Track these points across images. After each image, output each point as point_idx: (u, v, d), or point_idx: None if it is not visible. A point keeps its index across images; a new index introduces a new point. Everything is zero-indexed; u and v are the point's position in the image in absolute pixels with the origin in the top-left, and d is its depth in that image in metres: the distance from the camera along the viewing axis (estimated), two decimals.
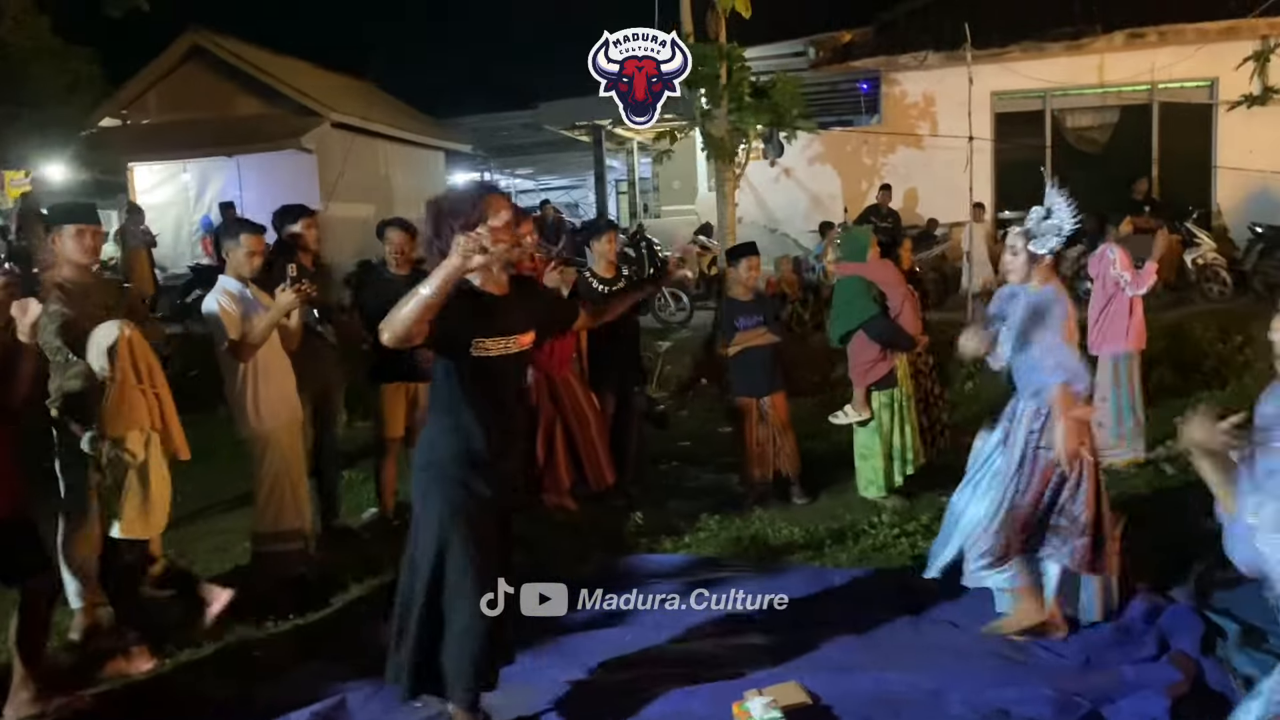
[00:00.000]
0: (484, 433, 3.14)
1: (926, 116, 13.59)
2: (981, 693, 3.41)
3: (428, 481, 3.18)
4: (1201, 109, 12.72)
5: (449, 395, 3.15)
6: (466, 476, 3.13)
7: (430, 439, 3.22)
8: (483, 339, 3.07)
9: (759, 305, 5.97)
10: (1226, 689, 3.39)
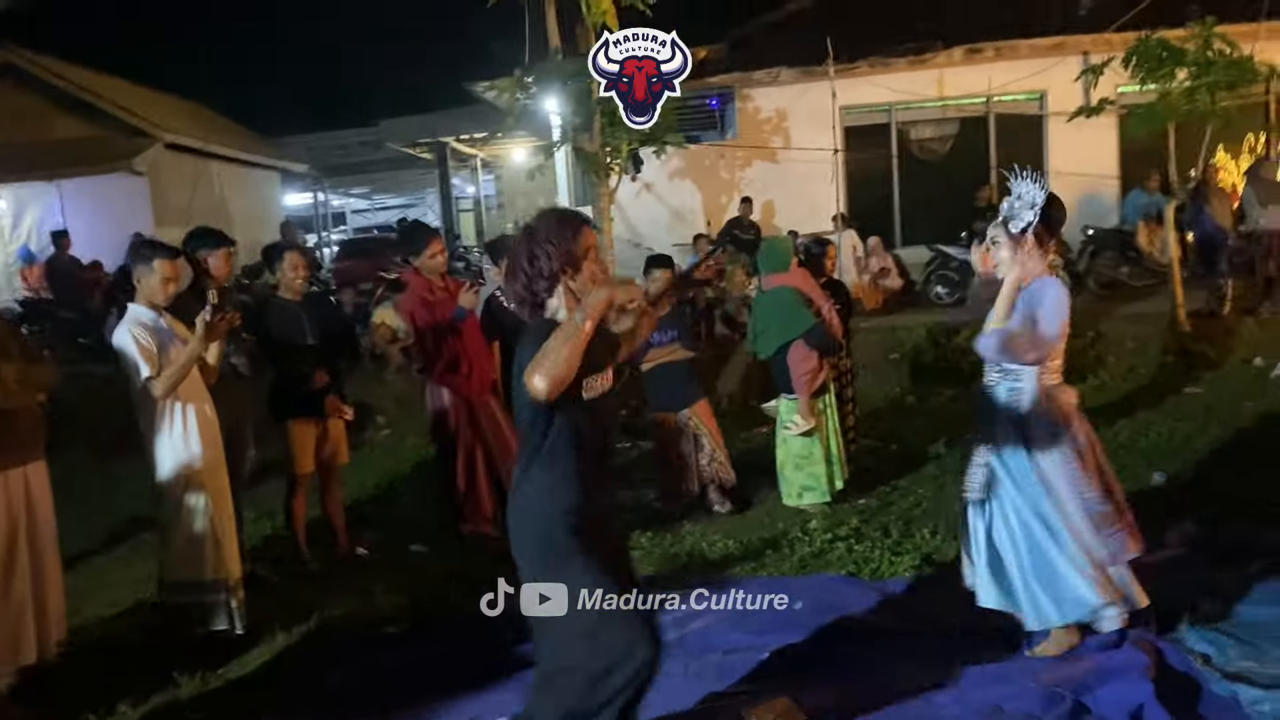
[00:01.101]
0: (596, 478, 2.88)
1: (779, 131, 13.96)
2: (970, 692, 3.46)
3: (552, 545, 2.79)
4: (1033, 120, 13.54)
5: (559, 445, 2.79)
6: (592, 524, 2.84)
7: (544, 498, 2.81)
8: (589, 377, 2.81)
9: (672, 319, 5.89)
10: (1189, 668, 3.55)
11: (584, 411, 2.80)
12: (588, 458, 2.82)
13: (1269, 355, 8.41)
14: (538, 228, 2.86)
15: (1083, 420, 3.78)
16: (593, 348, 2.77)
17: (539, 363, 2.55)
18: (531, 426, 2.81)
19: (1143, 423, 7.13)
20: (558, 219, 2.88)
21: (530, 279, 2.82)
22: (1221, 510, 5.11)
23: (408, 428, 8.70)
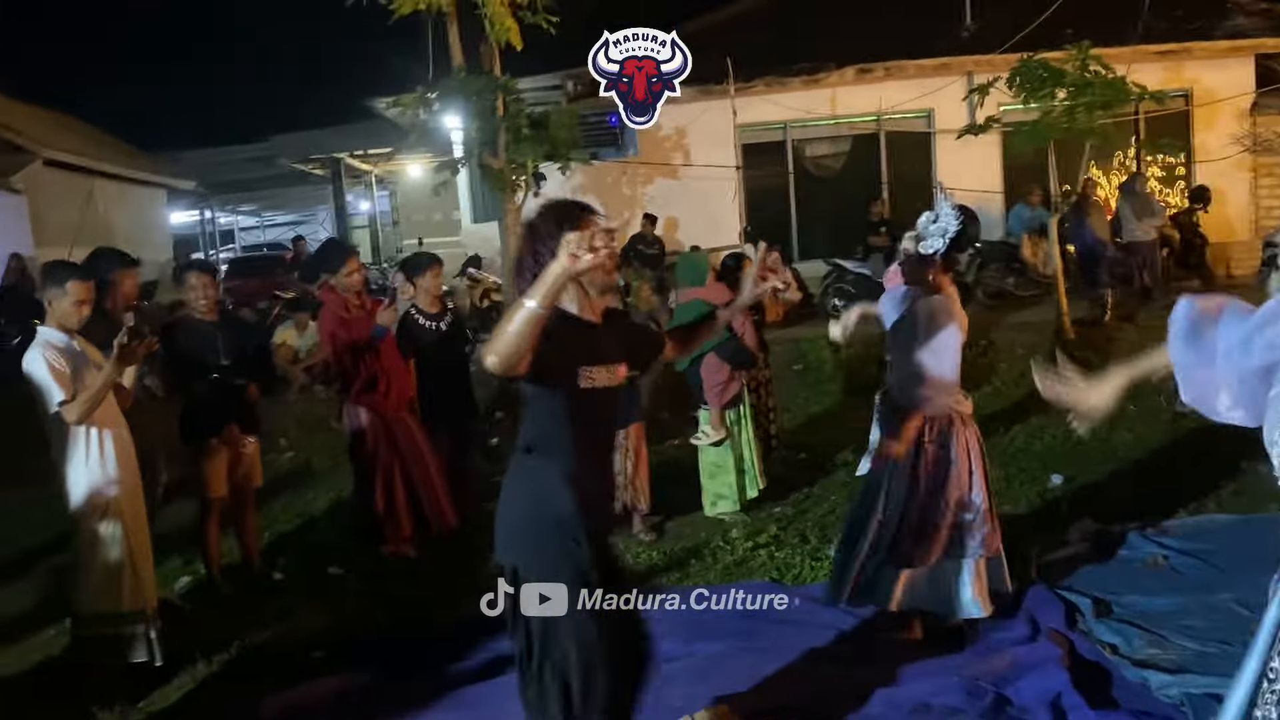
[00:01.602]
0: (594, 479, 2.81)
1: (680, 148, 14.15)
2: (897, 689, 3.59)
3: (541, 546, 2.72)
4: (922, 137, 14.03)
5: (554, 437, 2.73)
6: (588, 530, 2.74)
7: (534, 491, 2.75)
8: (589, 367, 2.71)
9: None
10: (1099, 658, 3.75)
11: (581, 402, 2.71)
12: (584, 449, 2.74)
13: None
14: (539, 223, 2.77)
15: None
16: (601, 339, 2.75)
17: (491, 339, 2.45)
18: (529, 419, 2.78)
19: (1036, 427, 7.44)
20: (559, 214, 2.76)
21: (534, 275, 2.62)
22: (1115, 508, 5.40)
23: (312, 450, 8.54)
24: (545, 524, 2.71)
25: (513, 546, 2.78)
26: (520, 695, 2.80)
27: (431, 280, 5.80)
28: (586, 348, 2.70)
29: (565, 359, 2.63)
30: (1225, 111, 13.74)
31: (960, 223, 3.83)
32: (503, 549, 2.80)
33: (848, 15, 13.99)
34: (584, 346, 2.69)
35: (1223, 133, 13.71)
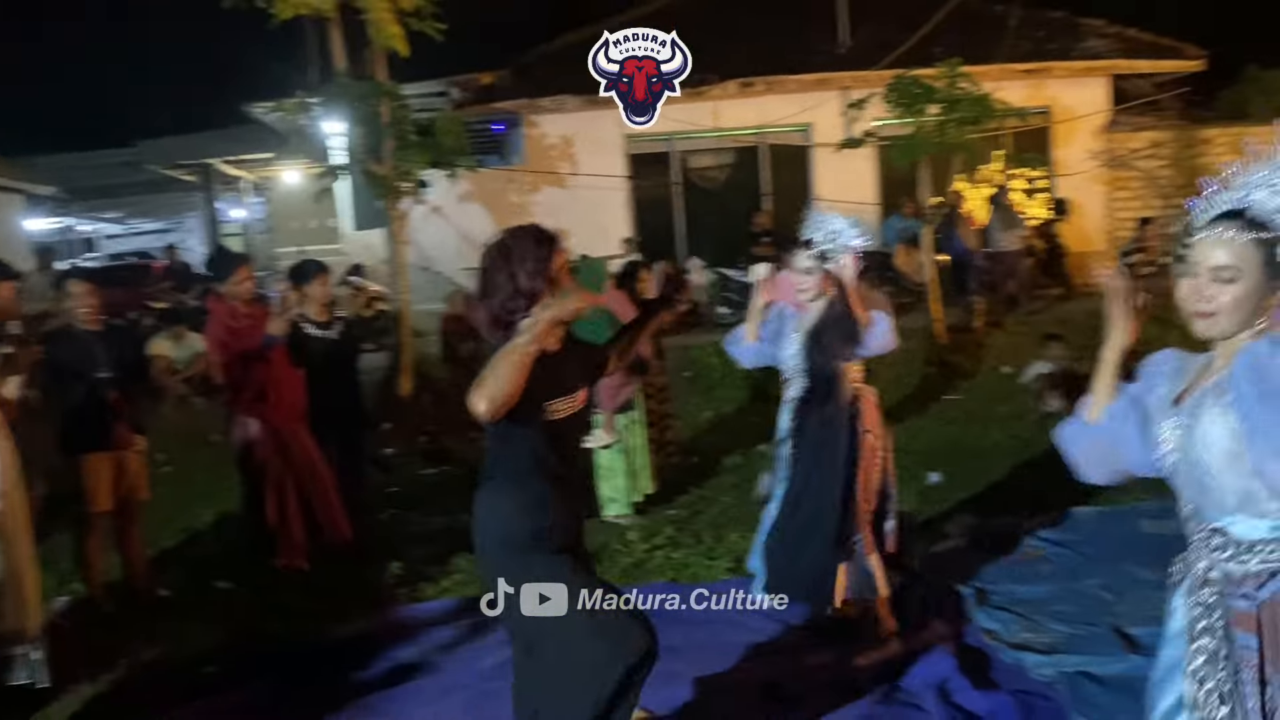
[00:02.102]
0: (564, 502, 2.87)
1: (566, 157, 14.23)
2: (800, 678, 3.72)
3: (518, 565, 2.79)
4: (801, 150, 14.43)
5: (523, 468, 2.80)
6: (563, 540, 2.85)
7: (505, 517, 2.82)
8: (552, 400, 2.80)
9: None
10: (980, 643, 3.97)
11: (549, 433, 2.79)
12: (552, 479, 2.81)
13: (1015, 363, 9.34)
14: (514, 246, 2.81)
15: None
16: (561, 370, 2.80)
17: (481, 382, 2.52)
18: (496, 447, 2.82)
19: (914, 428, 7.77)
20: (535, 237, 2.83)
21: (509, 298, 2.76)
22: (990, 502, 5.69)
23: (192, 463, 8.29)
24: (521, 548, 2.78)
25: (494, 570, 2.84)
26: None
27: (319, 288, 5.73)
28: (550, 382, 2.76)
29: (533, 395, 2.67)
30: (1082, 128, 14.55)
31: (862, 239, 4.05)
32: (485, 572, 2.89)
33: (730, 30, 14.30)
34: (548, 381, 2.74)
35: (1080, 148, 14.51)
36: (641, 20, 15.15)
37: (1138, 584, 4.27)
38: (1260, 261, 1.91)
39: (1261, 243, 1.91)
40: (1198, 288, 1.95)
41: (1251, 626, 1.94)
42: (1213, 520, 2.00)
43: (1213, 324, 1.95)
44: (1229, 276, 1.91)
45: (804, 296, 4.12)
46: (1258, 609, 1.94)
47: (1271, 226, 1.92)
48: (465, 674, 4.03)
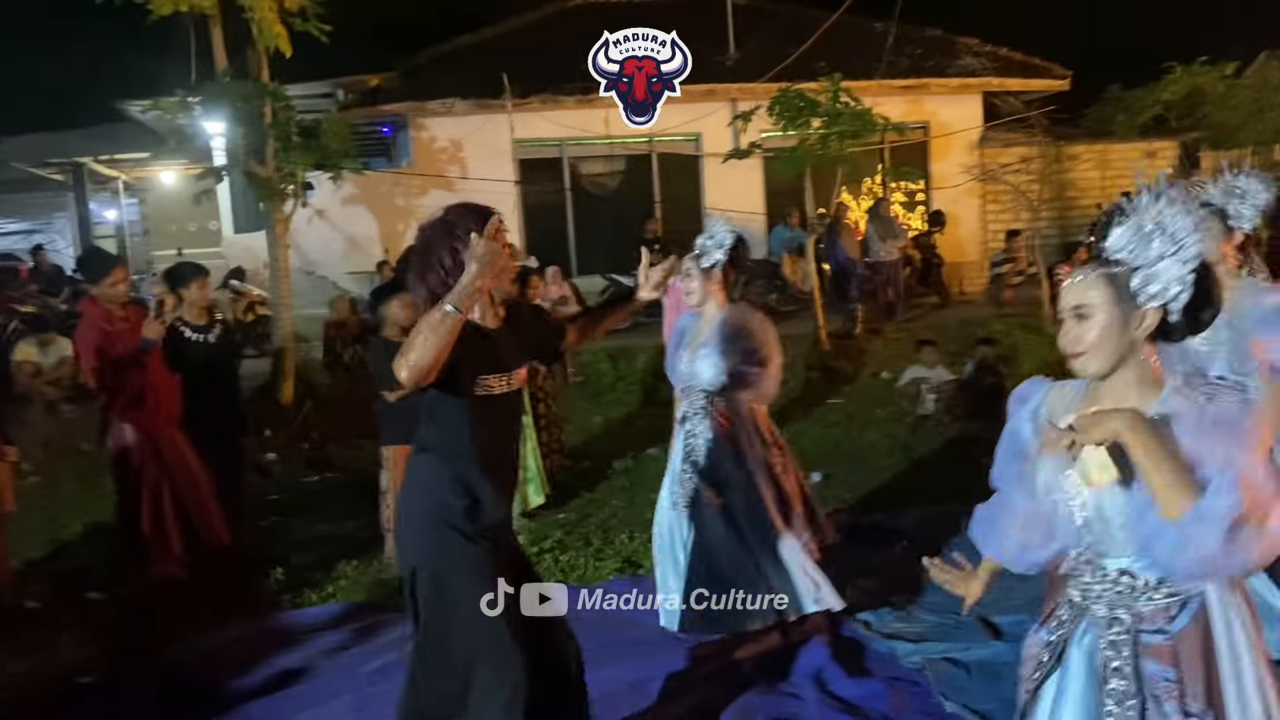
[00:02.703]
0: (491, 482, 2.80)
1: (455, 161, 14.14)
2: (675, 676, 3.82)
3: (439, 542, 2.74)
4: (691, 160, 14.65)
5: (450, 442, 2.77)
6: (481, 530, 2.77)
7: (431, 491, 2.78)
8: (487, 376, 2.76)
9: None
10: (855, 633, 4.13)
11: (479, 409, 2.76)
12: (481, 452, 2.77)
13: (893, 368, 9.68)
14: (456, 222, 2.75)
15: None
16: (499, 345, 2.79)
17: (406, 349, 2.46)
18: (427, 421, 2.79)
19: (797, 430, 7.98)
20: (475, 213, 2.78)
21: (449, 273, 2.69)
22: (868, 500, 5.91)
23: (59, 471, 7.99)
24: (442, 523, 2.74)
25: (412, 547, 2.81)
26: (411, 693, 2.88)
27: (197, 291, 5.62)
28: (486, 357, 2.75)
29: (466, 369, 2.66)
30: (958, 143, 15.15)
31: (735, 236, 4.16)
32: (403, 551, 2.84)
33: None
34: (484, 356, 2.73)
35: (955, 162, 15.10)
36: (533, 28, 15.23)
37: (1003, 576, 4.48)
38: (1112, 296, 1.98)
39: (1111, 277, 1.99)
40: (1066, 330, 2.03)
41: (1168, 659, 1.97)
42: (1117, 564, 2.02)
43: (1086, 362, 2.01)
44: (1085, 314, 1.99)
45: (691, 300, 4.23)
46: (1173, 641, 1.97)
47: (1121, 261, 2.00)
48: (348, 679, 4.01)
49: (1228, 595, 1.98)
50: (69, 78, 20.08)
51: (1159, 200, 1.98)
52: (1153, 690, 1.98)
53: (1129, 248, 1.98)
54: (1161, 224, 1.96)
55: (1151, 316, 1.97)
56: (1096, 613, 2.05)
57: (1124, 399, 1.98)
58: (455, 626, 2.74)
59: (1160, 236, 1.95)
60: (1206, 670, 1.95)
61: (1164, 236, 1.95)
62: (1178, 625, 1.98)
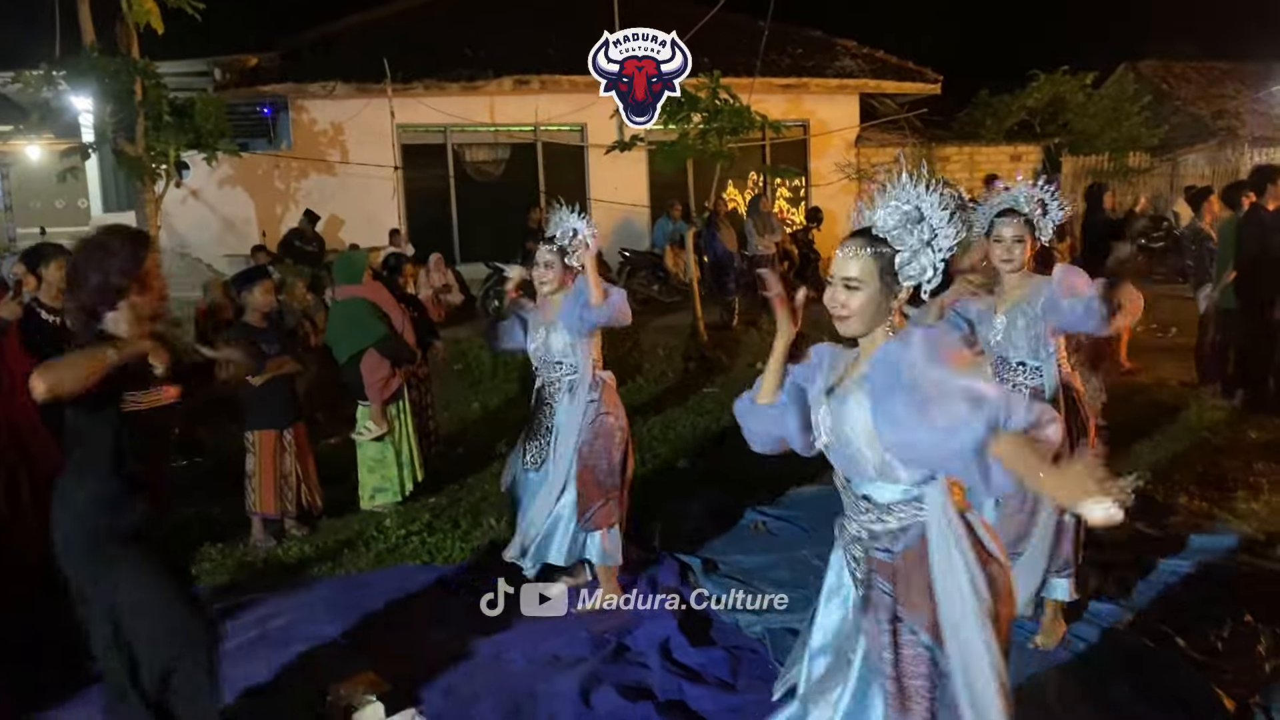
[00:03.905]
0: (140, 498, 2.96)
1: (336, 144, 13.98)
2: (536, 646, 3.98)
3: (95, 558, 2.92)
4: (576, 149, 14.78)
5: (96, 457, 2.90)
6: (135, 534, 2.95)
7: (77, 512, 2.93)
8: (134, 392, 2.91)
9: (275, 331, 5.80)
10: (706, 609, 4.35)
11: (127, 424, 2.91)
12: (133, 469, 2.93)
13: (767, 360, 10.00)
14: (110, 244, 2.93)
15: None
16: (145, 364, 2.94)
17: (53, 367, 2.63)
18: (72, 435, 2.92)
19: (671, 419, 8.20)
20: (129, 240, 2.99)
21: (98, 293, 2.88)
22: (727, 485, 6.15)
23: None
24: (88, 535, 2.92)
25: (64, 557, 2.95)
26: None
27: (56, 272, 5.49)
28: (134, 374, 2.91)
29: (113, 386, 2.81)
30: (836, 142, 15.66)
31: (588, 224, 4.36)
32: (61, 560, 2.96)
33: (505, 26, 14.47)
34: (130, 372, 2.88)
35: (833, 160, 15.59)
36: (419, 10, 15.10)
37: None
38: (879, 271, 2.26)
39: (880, 255, 2.26)
40: (834, 294, 2.31)
41: (889, 575, 2.30)
42: (859, 488, 2.37)
43: (847, 325, 2.32)
44: (855, 285, 2.27)
45: (545, 289, 4.40)
46: (893, 560, 2.30)
47: (890, 242, 2.26)
48: None
49: (948, 523, 2.26)
50: None
51: (921, 189, 2.23)
52: (874, 599, 2.32)
53: (894, 230, 2.25)
54: (923, 212, 2.21)
55: (905, 293, 2.27)
56: (849, 530, 2.41)
57: (867, 348, 2.33)
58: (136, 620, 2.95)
59: (922, 224, 2.21)
60: (924, 590, 2.25)
61: (924, 225, 2.20)
62: (900, 546, 2.29)
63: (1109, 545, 4.65)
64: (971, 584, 2.21)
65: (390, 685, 3.67)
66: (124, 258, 2.90)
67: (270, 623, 4.36)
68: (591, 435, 4.37)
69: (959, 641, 2.20)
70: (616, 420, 4.44)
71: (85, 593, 2.96)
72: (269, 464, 5.52)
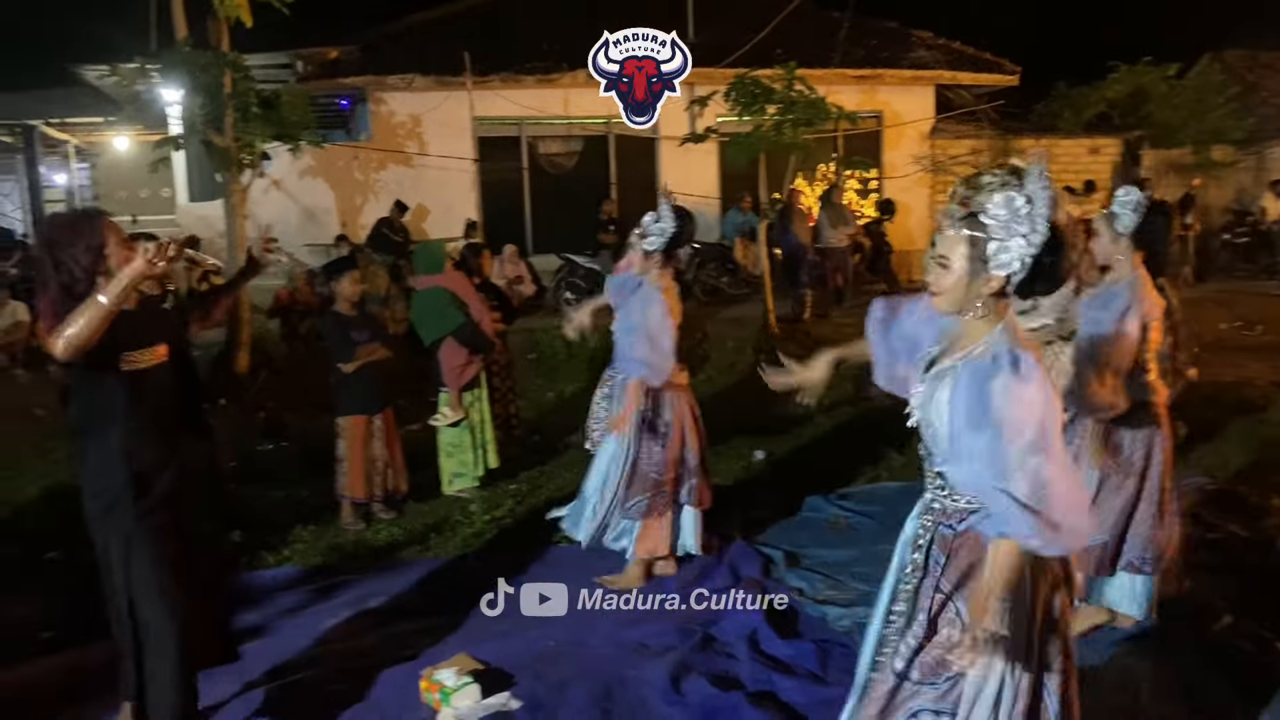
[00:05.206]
0: (152, 454, 3.10)
1: (414, 136, 14.19)
2: (620, 634, 4.05)
3: (108, 520, 3.09)
4: (648, 142, 14.81)
5: (103, 417, 3.07)
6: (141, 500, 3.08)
7: (90, 471, 3.11)
8: (130, 352, 3.07)
9: (366, 320, 5.96)
10: (791, 601, 4.38)
11: (131, 384, 3.07)
12: (138, 428, 3.07)
13: None
14: (55, 238, 3.07)
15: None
16: (139, 324, 3.10)
17: (62, 327, 2.78)
18: (80, 400, 3.08)
19: (743, 409, 8.22)
20: (70, 223, 3.14)
21: (67, 286, 3.00)
22: (805, 477, 6.16)
23: (13, 435, 8.02)
24: (100, 500, 3.07)
25: (92, 522, 3.11)
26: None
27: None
28: (129, 333, 3.05)
29: (110, 345, 2.95)
30: (910, 134, 15.48)
31: (678, 225, 4.38)
32: (90, 527, 3.12)
33: (581, 19, 14.53)
34: (127, 332, 3.02)
35: (907, 152, 15.43)
36: (494, 5, 15.25)
37: None
38: (970, 255, 2.27)
39: (973, 239, 2.26)
40: (929, 270, 2.36)
41: (945, 548, 2.39)
42: (937, 465, 2.42)
43: (939, 303, 2.37)
44: (944, 264, 2.30)
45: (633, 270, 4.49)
46: (954, 538, 2.38)
47: (987, 226, 2.25)
48: (305, 637, 4.18)
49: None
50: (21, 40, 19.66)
51: (1044, 182, 2.23)
52: (931, 570, 2.40)
53: (1000, 217, 2.24)
54: (1033, 208, 2.20)
55: (995, 281, 2.27)
56: (926, 499, 2.49)
57: (969, 331, 2.34)
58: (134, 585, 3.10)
59: (1026, 219, 2.21)
60: (969, 568, 2.33)
61: (1027, 220, 2.21)
62: (963, 526, 2.37)
63: (1202, 546, 4.59)
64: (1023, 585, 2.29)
65: (483, 667, 3.77)
66: (75, 245, 3.02)
67: (365, 603, 4.49)
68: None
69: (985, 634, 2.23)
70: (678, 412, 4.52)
71: (104, 561, 3.13)
72: (358, 449, 5.66)
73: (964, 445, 2.24)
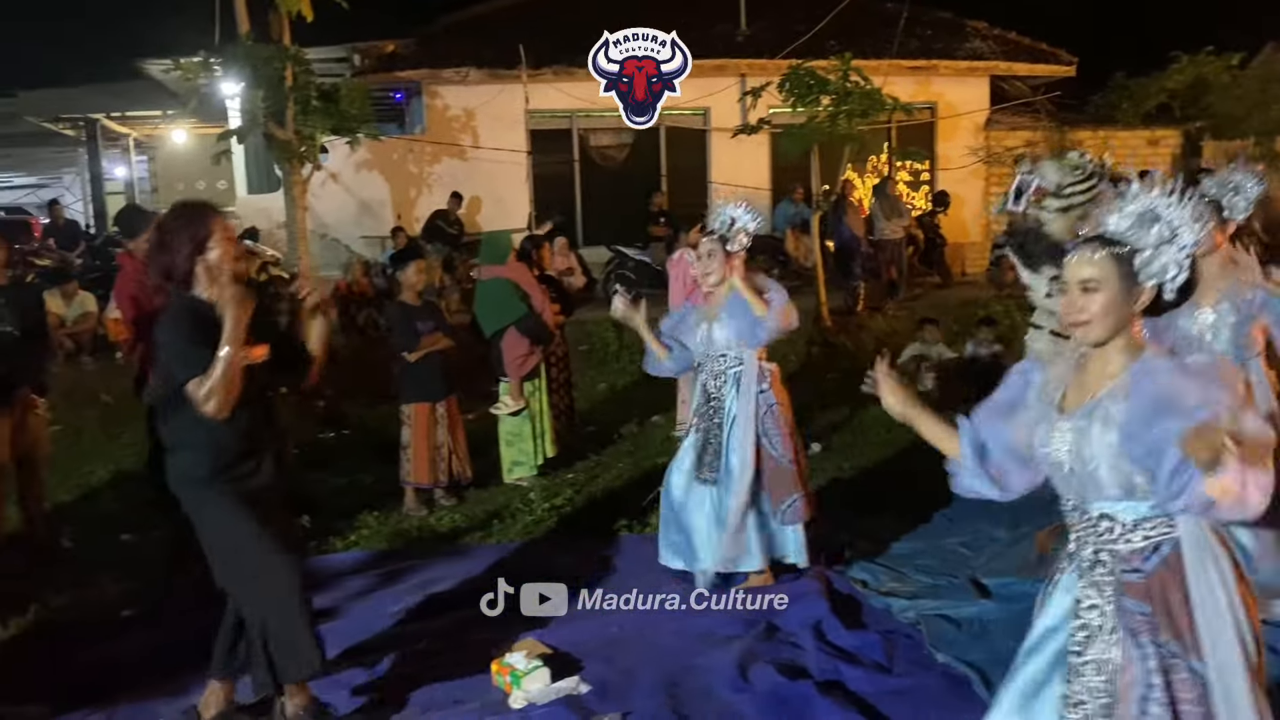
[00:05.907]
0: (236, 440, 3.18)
1: (468, 129, 14.29)
2: (685, 623, 4.08)
3: (194, 500, 3.22)
4: (699, 134, 14.80)
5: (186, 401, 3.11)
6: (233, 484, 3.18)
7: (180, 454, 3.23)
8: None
9: (430, 310, 6.06)
10: (852, 591, 4.40)
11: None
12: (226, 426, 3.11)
13: (893, 345, 9.89)
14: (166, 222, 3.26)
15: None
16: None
17: (211, 388, 2.98)
18: (163, 377, 3.24)
19: (797, 404, 8.19)
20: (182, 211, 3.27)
21: (167, 270, 3.17)
22: (862, 470, 6.16)
23: (82, 420, 8.22)
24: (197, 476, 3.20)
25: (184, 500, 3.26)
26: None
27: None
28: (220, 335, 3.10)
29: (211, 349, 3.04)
30: (964, 125, 15.31)
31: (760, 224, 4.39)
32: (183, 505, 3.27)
33: (633, 12, 14.55)
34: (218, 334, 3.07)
35: (961, 144, 15.25)
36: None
37: (992, 542, 4.79)
38: (1118, 273, 2.19)
39: (1118, 256, 2.20)
40: (1071, 301, 2.24)
41: (1144, 595, 2.19)
42: (1096, 508, 2.25)
43: (1088, 331, 2.22)
44: (1093, 287, 2.20)
45: (710, 281, 4.41)
46: (1146, 579, 2.19)
47: (1125, 242, 2.20)
48: (375, 619, 4.27)
49: (1203, 537, 2.18)
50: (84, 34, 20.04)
51: (1156, 189, 2.20)
52: (1130, 624, 2.19)
53: (1130, 231, 2.20)
54: (1158, 211, 2.17)
55: (1148, 294, 2.19)
56: (1084, 555, 2.29)
57: (1109, 363, 2.22)
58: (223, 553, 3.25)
59: (1159, 223, 2.17)
60: (1181, 606, 2.16)
61: (1162, 223, 2.17)
62: (1150, 564, 2.19)
63: None
64: (1229, 600, 2.14)
65: (551, 651, 3.82)
66: (183, 232, 3.15)
67: (433, 587, 4.57)
68: (766, 427, 4.37)
69: (1217, 660, 2.12)
70: (785, 411, 4.48)
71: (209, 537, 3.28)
72: (423, 436, 5.75)
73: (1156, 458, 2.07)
